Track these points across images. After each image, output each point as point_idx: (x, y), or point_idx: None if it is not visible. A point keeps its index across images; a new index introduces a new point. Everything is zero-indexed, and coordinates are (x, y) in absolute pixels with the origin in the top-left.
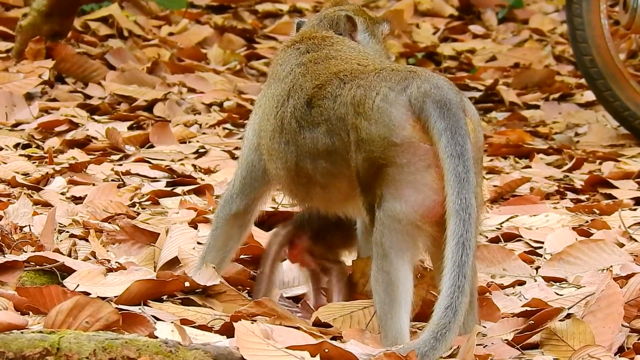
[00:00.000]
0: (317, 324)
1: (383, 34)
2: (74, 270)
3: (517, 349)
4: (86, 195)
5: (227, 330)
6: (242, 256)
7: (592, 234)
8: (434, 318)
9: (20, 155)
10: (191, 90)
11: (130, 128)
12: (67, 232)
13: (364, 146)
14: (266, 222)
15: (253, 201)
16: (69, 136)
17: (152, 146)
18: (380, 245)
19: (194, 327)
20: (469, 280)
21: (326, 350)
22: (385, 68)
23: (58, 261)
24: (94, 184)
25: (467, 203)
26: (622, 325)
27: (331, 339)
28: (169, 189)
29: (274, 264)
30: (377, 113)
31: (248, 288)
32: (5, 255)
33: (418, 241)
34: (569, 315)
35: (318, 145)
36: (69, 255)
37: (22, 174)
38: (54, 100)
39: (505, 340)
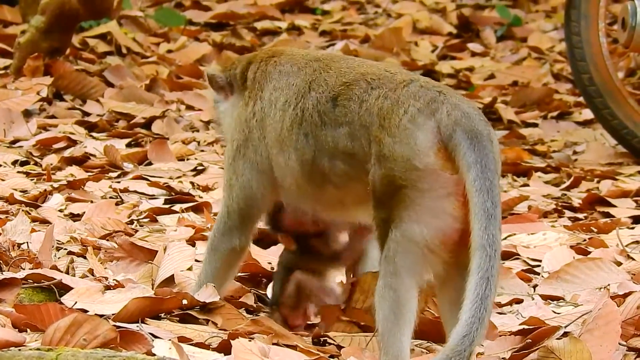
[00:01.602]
0: (316, 341)
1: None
2: (72, 288)
3: None
4: (84, 213)
5: (225, 348)
6: (240, 274)
7: (589, 252)
8: (450, 344)
9: (18, 172)
10: (189, 107)
11: (128, 145)
12: (65, 249)
13: (384, 163)
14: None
15: (252, 231)
16: (67, 153)
17: (150, 163)
18: (393, 263)
19: (191, 344)
20: (489, 313)
21: None
22: (414, 81)
23: (56, 278)
24: (92, 201)
25: (494, 239)
26: (620, 343)
27: (329, 357)
28: (167, 206)
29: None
30: (403, 133)
31: (245, 307)
32: (3, 273)
33: (430, 264)
34: (566, 334)
35: (338, 145)
36: (67, 273)
37: (20, 191)
38: (52, 117)
39: (502, 358)
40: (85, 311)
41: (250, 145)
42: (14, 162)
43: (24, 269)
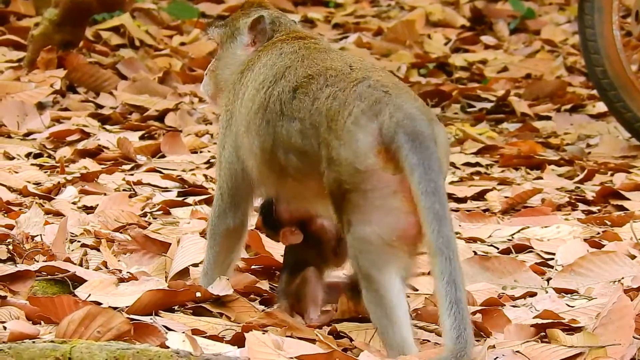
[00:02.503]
0: (332, 333)
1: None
2: (86, 280)
3: (529, 359)
4: (97, 205)
5: (239, 341)
6: (253, 266)
7: (603, 246)
8: (448, 348)
9: (32, 164)
10: (202, 100)
11: (141, 138)
12: (79, 241)
13: (333, 166)
14: None
15: (246, 210)
16: (80, 146)
17: (163, 156)
18: (359, 268)
19: (205, 337)
20: (467, 314)
21: None
22: (366, 79)
23: (69, 271)
24: (105, 194)
25: (449, 240)
26: (633, 337)
27: (342, 350)
28: (180, 199)
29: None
30: (347, 136)
31: (259, 298)
32: (17, 265)
33: (396, 258)
34: (580, 328)
35: (291, 140)
36: (80, 265)
37: (34, 184)
38: (66, 109)
39: (516, 351)
40: (99, 304)
41: (233, 121)
42: (28, 155)
43: (37, 262)
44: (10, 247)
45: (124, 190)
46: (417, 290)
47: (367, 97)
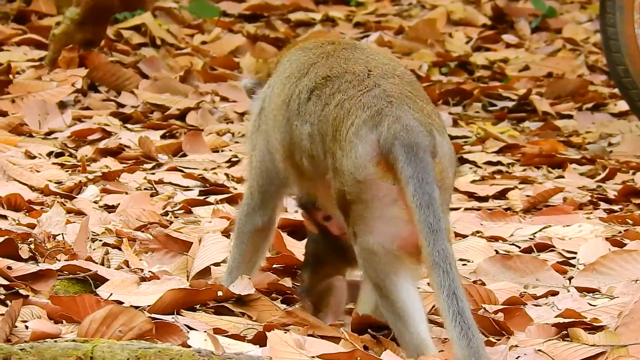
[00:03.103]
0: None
1: None
2: (107, 279)
3: (552, 358)
4: (119, 204)
5: (260, 340)
6: (275, 265)
7: (625, 245)
8: (462, 353)
9: (54, 163)
10: (224, 99)
11: (163, 137)
12: (100, 240)
13: (338, 177)
14: (299, 231)
15: (275, 209)
16: (102, 145)
17: (184, 155)
18: (369, 278)
19: (227, 336)
20: (473, 322)
21: (358, 359)
22: (375, 87)
23: (91, 270)
24: (126, 193)
25: (445, 253)
26: None
27: (364, 347)
28: (201, 197)
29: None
30: (349, 146)
31: (281, 297)
32: (39, 264)
33: (401, 266)
34: (601, 327)
35: (302, 142)
36: (102, 264)
37: (55, 183)
38: (87, 108)
39: (538, 350)
40: (121, 303)
41: (263, 116)
42: (49, 154)
43: (59, 261)
44: (32, 246)
45: (145, 189)
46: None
47: (370, 107)
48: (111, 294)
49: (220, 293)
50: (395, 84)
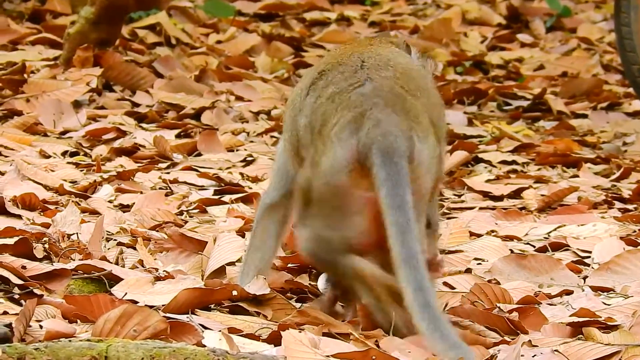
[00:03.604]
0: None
1: (431, 69)
2: (122, 279)
3: (567, 358)
4: (134, 203)
5: (275, 339)
6: (290, 265)
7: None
8: (437, 345)
9: (68, 163)
10: (239, 98)
11: (177, 136)
12: (115, 240)
13: (313, 168)
14: None
15: (288, 192)
16: (116, 144)
17: (199, 154)
18: (317, 263)
19: (241, 335)
20: (444, 315)
21: (374, 358)
22: (367, 82)
23: (106, 269)
24: (141, 192)
25: (413, 251)
26: None
27: (376, 343)
28: (216, 197)
29: None
30: (330, 144)
31: (296, 296)
32: (54, 264)
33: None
34: (616, 326)
35: (300, 134)
36: (116, 264)
37: (70, 182)
38: (102, 108)
39: (555, 350)
40: (136, 302)
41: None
42: (64, 153)
43: (74, 260)
44: (47, 245)
45: (160, 188)
46: (454, 288)
47: (356, 107)
48: (126, 294)
49: (235, 292)
50: (387, 78)
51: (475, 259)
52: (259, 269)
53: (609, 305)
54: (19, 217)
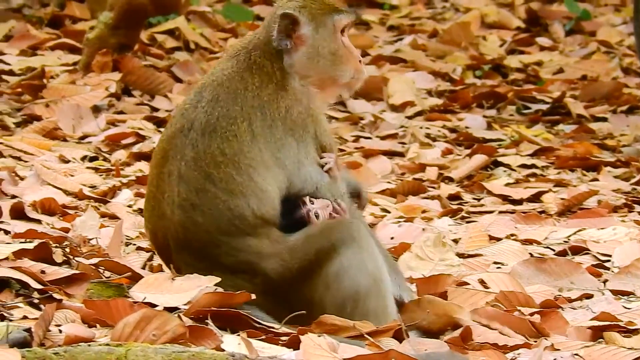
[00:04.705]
0: None
1: (339, 25)
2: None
3: None
4: None
5: (294, 343)
6: None
7: None
8: None
9: (88, 167)
10: None
11: None
12: (134, 244)
13: None
14: None
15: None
16: (135, 149)
17: None
18: None
19: (260, 339)
20: None
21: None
22: None
23: (128, 267)
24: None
25: None
26: None
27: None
28: None
29: None
30: None
31: None
32: (73, 266)
33: None
34: (637, 330)
35: None
36: (143, 268)
37: (89, 187)
38: (121, 112)
39: (575, 354)
40: (154, 305)
41: None
42: (83, 158)
43: (95, 266)
44: (67, 250)
45: None
46: (488, 287)
47: None
48: (145, 297)
49: (253, 296)
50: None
51: (495, 262)
52: None
53: (629, 309)
54: (39, 221)
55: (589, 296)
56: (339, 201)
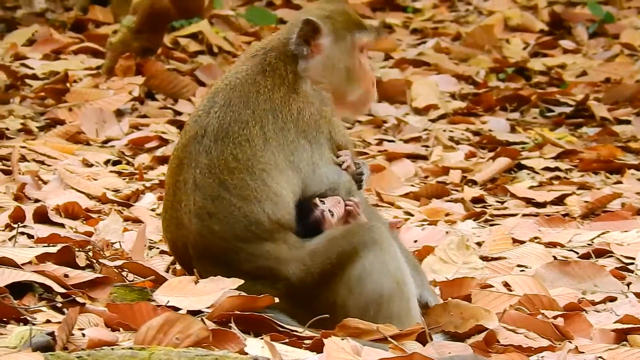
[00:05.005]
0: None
1: (359, 43)
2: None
3: None
4: None
5: (317, 347)
6: None
7: None
8: None
9: (111, 171)
10: None
11: None
12: (157, 248)
13: None
14: None
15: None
16: (159, 152)
17: None
18: None
19: (284, 343)
20: None
21: None
22: None
23: (152, 270)
24: None
25: None
26: None
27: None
28: None
29: None
30: None
31: None
32: (96, 270)
33: None
34: None
35: None
36: (167, 271)
37: (113, 191)
38: (144, 116)
39: (599, 357)
40: (178, 309)
41: None
42: (106, 162)
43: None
44: (90, 253)
45: None
46: (512, 290)
47: None
48: (168, 301)
49: (277, 299)
50: None
51: (519, 265)
52: None
53: None
54: (62, 225)
55: (612, 299)
56: (357, 201)
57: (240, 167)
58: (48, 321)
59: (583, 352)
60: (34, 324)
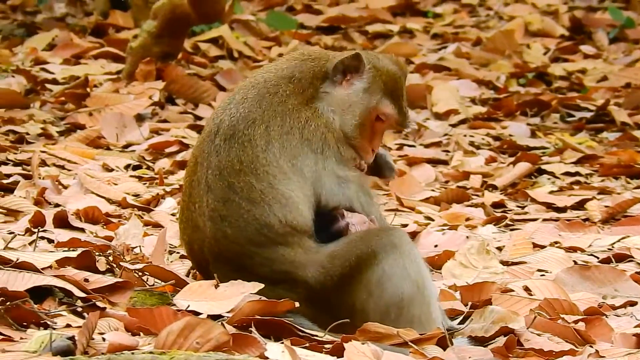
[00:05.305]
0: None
1: (380, 108)
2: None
3: None
4: None
5: (338, 351)
6: None
7: None
8: None
9: (131, 176)
10: None
11: None
12: (178, 252)
13: None
14: None
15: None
16: (179, 157)
17: None
18: None
19: (304, 347)
20: None
21: None
22: None
23: (173, 274)
24: None
25: None
26: None
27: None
28: None
29: None
30: None
31: None
32: (116, 275)
33: None
34: None
35: None
36: (187, 275)
37: (133, 195)
38: (165, 121)
39: None
40: (198, 313)
41: None
42: (127, 167)
43: (137, 273)
44: (111, 258)
45: None
46: (532, 295)
47: None
48: (189, 305)
49: (297, 304)
50: None
51: (539, 270)
52: None
53: None
54: (82, 230)
55: (633, 303)
56: (372, 217)
57: (245, 169)
58: (68, 325)
59: (604, 357)
60: (54, 329)
